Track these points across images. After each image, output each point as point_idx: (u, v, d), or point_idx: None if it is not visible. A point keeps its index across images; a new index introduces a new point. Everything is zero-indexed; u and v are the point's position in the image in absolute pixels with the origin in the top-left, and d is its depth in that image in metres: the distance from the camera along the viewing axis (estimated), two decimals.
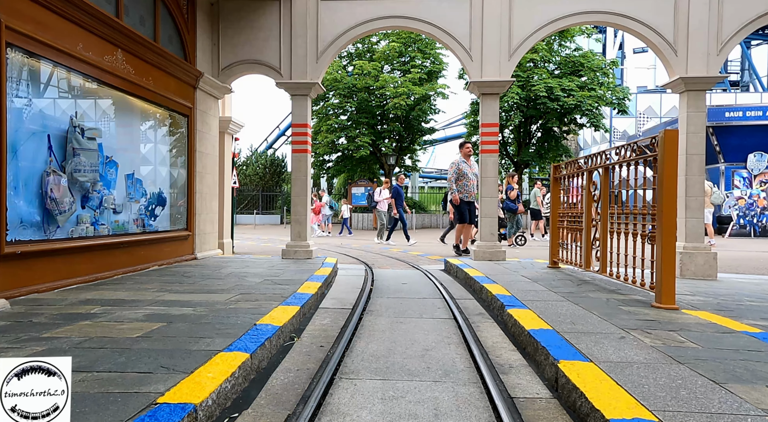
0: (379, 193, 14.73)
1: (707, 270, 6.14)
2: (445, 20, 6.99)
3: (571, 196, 5.92)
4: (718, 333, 3.05)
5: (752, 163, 19.24)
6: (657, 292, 3.84)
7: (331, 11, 7.16)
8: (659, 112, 29.05)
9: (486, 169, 7.13)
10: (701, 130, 6.39)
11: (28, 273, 4.06)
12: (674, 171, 3.74)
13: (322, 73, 7.31)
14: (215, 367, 2.30)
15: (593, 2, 6.71)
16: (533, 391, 2.44)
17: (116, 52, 5.17)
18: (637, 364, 2.39)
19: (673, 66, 6.51)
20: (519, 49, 6.92)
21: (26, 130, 4.04)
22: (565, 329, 3.06)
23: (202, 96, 7.17)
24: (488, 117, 7.12)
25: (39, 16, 4.13)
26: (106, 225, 5.14)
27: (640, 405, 1.90)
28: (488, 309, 4.37)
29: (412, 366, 2.75)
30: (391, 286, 5.62)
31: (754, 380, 2.20)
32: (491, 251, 7.09)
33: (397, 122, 22.33)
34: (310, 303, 4.17)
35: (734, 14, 6.35)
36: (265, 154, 31.65)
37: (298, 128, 7.47)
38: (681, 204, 6.33)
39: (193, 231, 7.00)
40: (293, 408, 2.22)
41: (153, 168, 6.10)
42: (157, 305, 3.69)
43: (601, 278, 5.24)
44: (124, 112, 5.48)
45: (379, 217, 14.39)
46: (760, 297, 4.62)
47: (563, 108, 19.28)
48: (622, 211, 4.81)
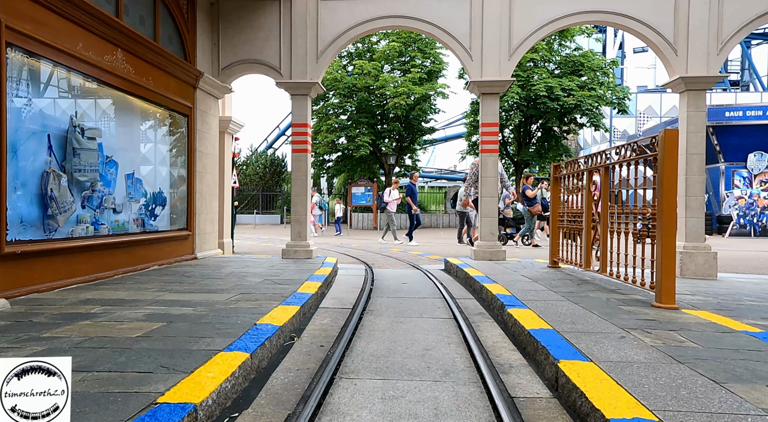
0: (389, 193, 14.04)
1: (707, 270, 6.14)
2: (445, 20, 6.99)
3: (571, 195, 5.91)
4: (718, 332, 3.05)
5: (752, 162, 19.25)
6: (657, 292, 3.84)
7: (331, 11, 7.15)
8: (659, 112, 29.06)
9: (486, 168, 7.13)
10: (701, 130, 6.39)
11: (28, 273, 4.06)
12: (674, 170, 3.74)
13: (322, 73, 7.30)
14: (215, 367, 2.30)
15: (593, 2, 6.70)
16: (533, 391, 2.44)
17: (116, 52, 5.17)
18: (638, 364, 2.39)
19: (673, 65, 6.51)
20: (519, 48, 6.92)
21: (26, 129, 4.04)
22: (565, 329, 3.06)
23: (202, 96, 7.17)
24: (488, 116, 7.12)
25: (39, 15, 4.13)
26: (106, 225, 5.14)
27: (640, 405, 1.89)
28: (488, 308, 4.37)
29: (413, 366, 2.75)
30: (391, 286, 5.62)
31: (755, 380, 2.20)
32: (491, 251, 7.09)
33: (397, 122, 22.32)
34: (310, 302, 4.17)
35: (734, 14, 6.34)
36: (265, 154, 31.68)
37: (298, 128, 7.47)
38: (681, 203, 6.34)
39: (193, 230, 7.00)
40: (293, 407, 2.22)
41: (153, 168, 6.09)
42: (157, 305, 3.69)
43: (601, 278, 5.24)
44: (124, 111, 5.48)
45: (389, 218, 13.71)
46: (760, 296, 4.61)
47: (563, 107, 19.26)
48: (622, 211, 4.81)
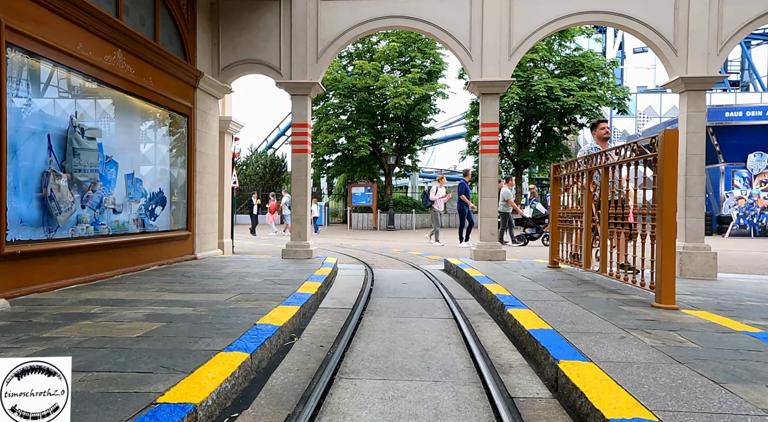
0: (435, 191, 13.06)
1: (707, 270, 6.14)
2: (445, 20, 6.99)
3: (571, 195, 5.91)
4: (718, 333, 3.05)
5: (752, 162, 19.26)
6: (657, 292, 3.84)
7: (331, 11, 7.15)
8: (659, 112, 29.10)
9: (486, 169, 7.13)
10: (701, 130, 6.39)
11: (28, 273, 4.06)
12: (674, 171, 3.73)
13: (322, 73, 7.30)
14: (215, 367, 2.30)
15: (593, 2, 6.70)
16: (533, 391, 2.44)
17: (116, 52, 5.17)
18: (637, 364, 2.39)
19: (673, 66, 6.51)
20: (519, 49, 6.92)
21: (26, 129, 4.04)
22: (565, 329, 3.06)
23: (202, 96, 7.17)
24: (488, 117, 7.12)
25: (39, 15, 4.13)
26: (106, 225, 5.14)
27: (640, 405, 1.90)
28: (488, 309, 4.37)
29: (412, 366, 2.75)
30: (391, 286, 5.62)
31: (754, 380, 2.20)
32: (491, 251, 7.09)
33: (397, 122, 22.34)
34: (310, 303, 4.17)
35: (734, 14, 6.35)
36: (265, 154, 31.72)
37: (298, 128, 7.47)
38: (681, 204, 6.34)
39: (193, 231, 7.00)
40: (293, 407, 2.22)
41: (153, 168, 6.09)
42: (157, 305, 3.69)
43: (601, 278, 5.24)
44: (124, 111, 5.48)
45: (434, 218, 13.03)
46: (760, 296, 4.61)
47: (563, 108, 19.28)
48: (622, 211, 4.81)
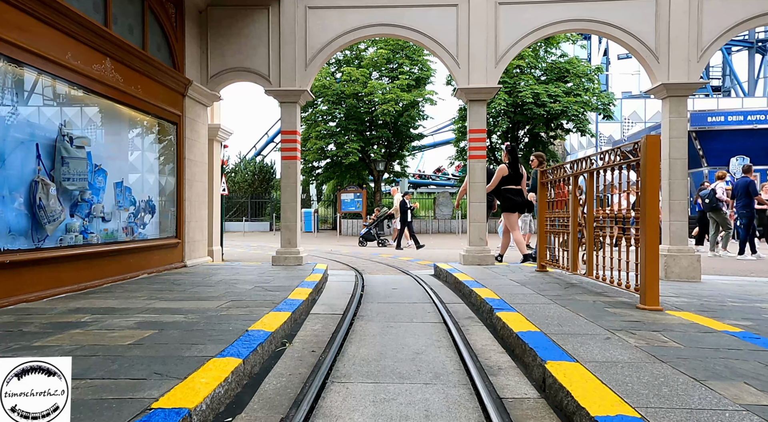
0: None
1: (691, 273, 6.26)
2: (433, 28, 7.08)
3: (558, 199, 6.00)
4: (700, 332, 3.13)
5: (734, 166, 19.62)
6: (641, 294, 3.92)
7: (319, 19, 7.21)
8: (644, 117, 29.58)
9: (474, 174, 7.22)
10: (683, 135, 6.54)
11: (17, 283, 4.03)
12: (656, 175, 3.83)
13: (310, 81, 7.35)
14: (208, 373, 2.32)
15: (577, 10, 6.85)
16: (521, 392, 2.49)
17: (105, 61, 5.17)
18: (622, 364, 2.45)
19: (655, 72, 6.66)
20: (505, 56, 7.04)
21: (14, 138, 4.02)
22: (552, 331, 3.12)
23: (190, 103, 7.17)
24: (476, 123, 7.22)
25: (25, 24, 4.12)
26: (95, 233, 5.11)
27: (623, 403, 1.96)
28: (477, 312, 4.42)
29: (403, 370, 2.78)
30: (381, 291, 5.65)
31: (734, 377, 2.27)
32: (480, 255, 7.16)
33: (386, 128, 22.42)
34: (301, 308, 4.19)
35: (713, 22, 6.52)
36: (253, 161, 31.60)
37: (287, 135, 7.50)
38: (665, 207, 6.47)
39: (183, 238, 6.98)
40: (286, 411, 2.24)
41: (142, 176, 6.08)
42: (148, 313, 3.69)
43: (587, 281, 5.32)
44: (112, 120, 5.48)
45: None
46: (742, 298, 4.72)
47: (550, 113, 19.52)
48: (607, 215, 4.91)
